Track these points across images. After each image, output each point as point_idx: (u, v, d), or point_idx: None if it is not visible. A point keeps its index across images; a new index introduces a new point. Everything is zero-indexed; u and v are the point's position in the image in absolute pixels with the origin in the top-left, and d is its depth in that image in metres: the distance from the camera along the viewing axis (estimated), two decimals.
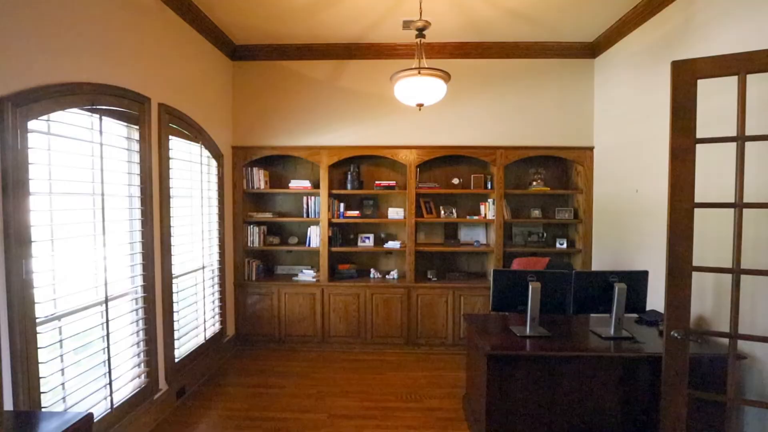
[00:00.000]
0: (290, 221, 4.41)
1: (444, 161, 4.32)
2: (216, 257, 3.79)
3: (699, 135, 1.90)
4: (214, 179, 3.78)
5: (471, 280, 4.17)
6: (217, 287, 3.80)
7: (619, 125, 3.58)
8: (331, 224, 4.18)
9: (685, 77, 1.96)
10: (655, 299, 2.82)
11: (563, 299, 2.54)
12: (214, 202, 3.76)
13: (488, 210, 4.15)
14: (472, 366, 2.75)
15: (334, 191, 4.18)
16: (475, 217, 4.20)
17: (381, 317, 4.08)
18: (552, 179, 4.36)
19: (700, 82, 1.90)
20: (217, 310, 3.80)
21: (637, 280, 2.51)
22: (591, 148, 4.02)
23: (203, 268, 3.53)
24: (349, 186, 4.20)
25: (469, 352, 2.89)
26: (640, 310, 2.55)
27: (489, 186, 4.15)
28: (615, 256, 3.66)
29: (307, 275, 4.18)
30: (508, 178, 4.25)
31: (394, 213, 4.20)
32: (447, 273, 4.31)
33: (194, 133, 3.35)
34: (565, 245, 4.16)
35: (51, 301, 2.04)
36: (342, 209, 4.21)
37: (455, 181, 4.31)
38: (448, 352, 4.04)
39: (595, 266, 4.00)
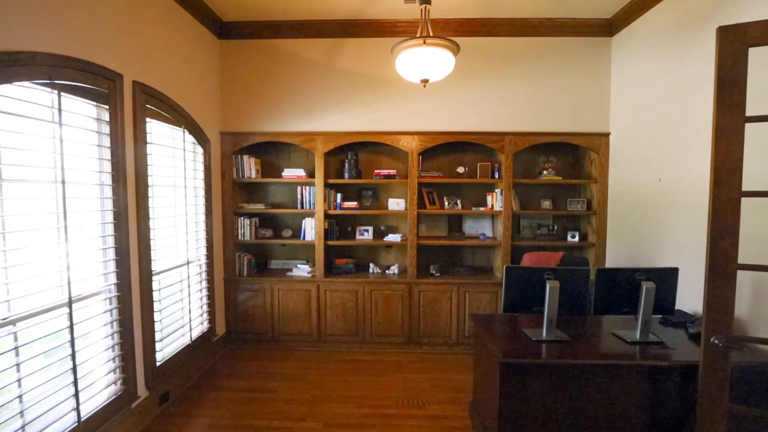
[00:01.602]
0: (284, 213, 4.15)
1: (448, 148, 4.03)
2: (203, 251, 3.53)
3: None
4: (201, 167, 3.49)
5: (476, 276, 3.92)
6: (204, 283, 3.54)
7: (640, 109, 3.29)
8: (327, 216, 3.91)
9: (734, 45, 1.68)
10: (682, 299, 2.56)
11: (582, 299, 2.29)
12: (201, 192, 3.48)
13: (495, 201, 3.87)
14: (481, 370, 2.51)
15: (331, 181, 3.91)
16: (482, 209, 3.93)
17: (381, 315, 3.84)
18: (564, 168, 4.08)
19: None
20: (205, 308, 3.55)
21: (665, 279, 2.26)
22: (607, 134, 3.73)
23: (188, 263, 3.27)
24: (346, 175, 3.92)
25: (476, 354, 2.64)
26: (669, 312, 2.30)
27: (496, 175, 3.87)
28: (632, 250, 3.40)
29: (302, 270, 3.92)
30: (517, 166, 3.96)
31: (395, 204, 3.93)
32: (451, 268, 4.06)
33: (176, 116, 3.07)
34: (576, 238, 3.89)
35: (3, 304, 1.79)
36: (339, 200, 3.94)
37: (460, 169, 4.02)
38: (452, 352, 3.80)
39: (609, 261, 3.74)
